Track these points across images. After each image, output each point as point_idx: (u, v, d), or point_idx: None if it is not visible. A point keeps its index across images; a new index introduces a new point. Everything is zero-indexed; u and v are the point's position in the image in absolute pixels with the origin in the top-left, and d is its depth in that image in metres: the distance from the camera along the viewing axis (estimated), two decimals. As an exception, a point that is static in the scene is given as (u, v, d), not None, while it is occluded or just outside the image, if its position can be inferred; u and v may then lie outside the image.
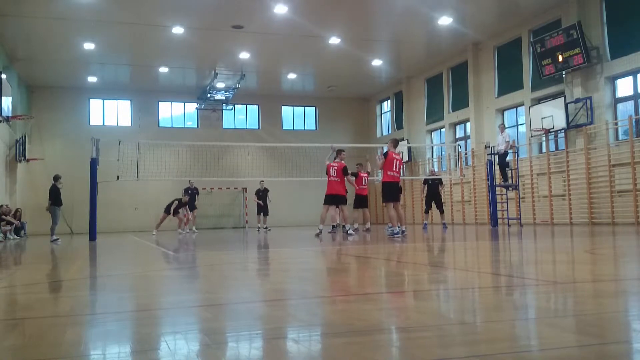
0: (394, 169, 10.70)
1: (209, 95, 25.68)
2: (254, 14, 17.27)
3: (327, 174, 13.30)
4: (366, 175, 15.99)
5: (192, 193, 20.02)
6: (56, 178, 14.66)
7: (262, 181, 20.78)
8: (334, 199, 13.15)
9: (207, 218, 25.69)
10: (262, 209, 20.62)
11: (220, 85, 24.90)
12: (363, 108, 30.07)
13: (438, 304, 3.30)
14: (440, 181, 17.23)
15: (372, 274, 5.14)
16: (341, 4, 16.94)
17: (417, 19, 18.06)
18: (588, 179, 16.27)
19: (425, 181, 17.40)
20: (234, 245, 11.37)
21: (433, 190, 16.87)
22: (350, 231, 12.64)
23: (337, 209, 13.70)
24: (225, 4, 16.62)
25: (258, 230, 19.93)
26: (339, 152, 13.37)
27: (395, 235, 10.57)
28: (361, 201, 15.89)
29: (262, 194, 20.66)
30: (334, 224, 14.40)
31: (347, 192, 13.56)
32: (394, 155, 10.86)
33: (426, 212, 17.39)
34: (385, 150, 11.29)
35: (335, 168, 13.17)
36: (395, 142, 11.36)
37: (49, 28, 18.02)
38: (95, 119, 26.42)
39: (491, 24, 19.13)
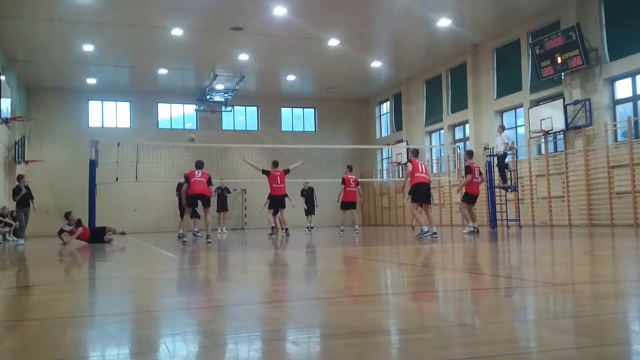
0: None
1: (208, 96, 25.68)
2: (253, 15, 17.27)
3: (345, 184, 15.07)
4: (280, 172, 14.22)
5: (222, 193, 20.08)
6: (19, 178, 14.55)
7: (307, 182, 20.27)
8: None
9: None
10: (308, 209, 19.97)
11: (219, 86, 24.91)
12: (362, 109, 30.08)
13: (437, 306, 3.30)
14: None
15: (371, 275, 5.14)
16: (340, 6, 16.95)
17: (416, 20, 18.07)
18: (587, 181, 16.27)
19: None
20: (239, 247, 11.36)
21: None
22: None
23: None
24: (224, 6, 16.63)
25: (305, 230, 19.03)
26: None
27: (425, 235, 10.80)
28: (277, 202, 14.31)
29: (307, 193, 20.10)
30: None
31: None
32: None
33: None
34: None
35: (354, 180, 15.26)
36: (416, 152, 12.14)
37: (48, 29, 18.01)
38: (94, 121, 26.40)
39: (490, 26, 19.14)
